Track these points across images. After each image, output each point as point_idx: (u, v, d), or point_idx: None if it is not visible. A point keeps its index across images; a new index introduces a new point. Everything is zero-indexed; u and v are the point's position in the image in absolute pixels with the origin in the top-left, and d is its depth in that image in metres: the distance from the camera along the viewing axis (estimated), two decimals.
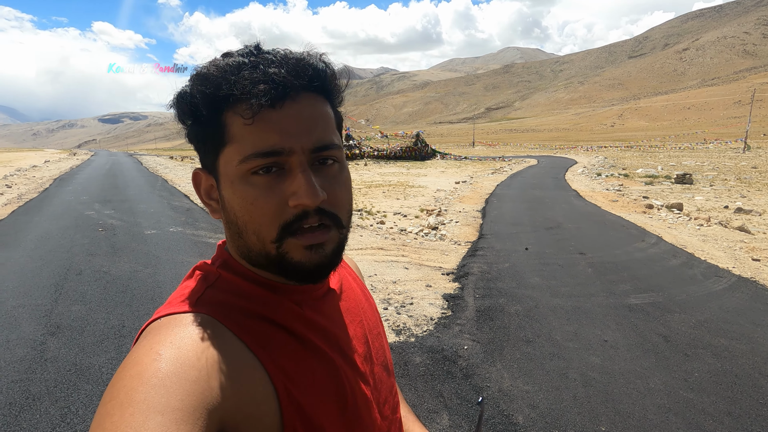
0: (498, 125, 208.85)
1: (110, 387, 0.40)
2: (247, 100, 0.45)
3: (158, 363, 0.41)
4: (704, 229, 7.36)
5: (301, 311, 0.53)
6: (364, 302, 0.66)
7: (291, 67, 0.47)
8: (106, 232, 6.96)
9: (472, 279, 4.72)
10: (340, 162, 0.52)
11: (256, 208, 0.47)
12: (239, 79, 0.46)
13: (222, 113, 0.48)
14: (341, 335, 0.57)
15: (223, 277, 0.52)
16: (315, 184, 0.47)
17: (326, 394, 0.51)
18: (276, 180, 0.47)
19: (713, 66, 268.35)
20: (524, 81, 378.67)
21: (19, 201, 10.55)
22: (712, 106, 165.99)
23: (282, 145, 0.46)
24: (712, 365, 2.93)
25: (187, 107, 0.49)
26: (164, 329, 0.45)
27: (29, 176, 17.92)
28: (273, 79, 0.46)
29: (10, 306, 3.87)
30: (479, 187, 13.87)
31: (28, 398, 2.54)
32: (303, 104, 0.48)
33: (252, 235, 0.49)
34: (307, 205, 0.47)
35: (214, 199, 0.53)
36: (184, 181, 16.27)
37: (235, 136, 0.47)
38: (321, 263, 0.50)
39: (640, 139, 76.26)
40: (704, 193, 12.22)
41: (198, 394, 0.40)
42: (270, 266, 0.50)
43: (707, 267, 5.16)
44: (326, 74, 0.50)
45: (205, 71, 0.48)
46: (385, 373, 0.64)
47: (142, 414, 0.37)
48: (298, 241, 0.48)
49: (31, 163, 28.40)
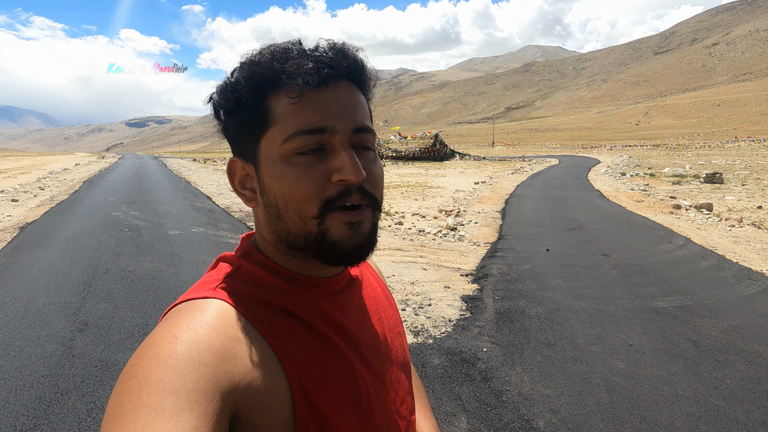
0: (518, 125, 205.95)
1: (128, 367, 0.42)
2: (294, 79, 0.47)
3: (174, 345, 0.42)
4: (736, 230, 7.07)
5: (319, 304, 0.53)
6: (384, 301, 0.66)
7: (337, 50, 0.50)
8: (132, 232, 7.16)
9: (491, 280, 4.66)
10: (374, 150, 0.53)
11: (298, 185, 0.48)
12: (288, 60, 0.48)
13: (266, 97, 0.49)
14: (358, 332, 0.57)
15: (244, 267, 0.53)
16: (358, 162, 0.48)
17: (341, 390, 0.51)
18: (318, 159, 0.49)
19: (745, 61, 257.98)
20: (545, 80, 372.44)
21: (51, 202, 10.97)
22: (744, 103, 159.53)
23: (325, 124, 0.48)
24: (745, 372, 2.80)
25: (232, 95, 0.51)
26: (182, 313, 0.46)
27: (60, 179, 18.63)
28: (320, 59, 0.48)
29: (41, 303, 4.02)
30: (499, 188, 13.69)
31: (56, 393, 2.63)
32: (344, 89, 0.50)
33: (293, 214, 0.49)
34: (351, 181, 0.48)
35: (249, 189, 0.54)
36: (207, 183, 16.63)
37: (279, 117, 0.49)
38: (359, 243, 0.50)
39: (666, 138, 73.93)
40: (736, 192, 11.74)
41: (212, 377, 0.41)
42: (308, 247, 0.51)
43: (739, 269, 4.95)
44: (363, 66, 0.53)
45: (252, 58, 0.50)
46: (403, 373, 0.63)
47: (158, 394, 0.38)
48: (339, 217, 0.49)
49: (62, 166, 29.54)
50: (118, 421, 0.37)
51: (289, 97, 0.48)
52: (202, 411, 0.39)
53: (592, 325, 3.52)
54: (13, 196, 11.94)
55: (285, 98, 0.48)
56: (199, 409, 0.39)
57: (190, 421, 0.38)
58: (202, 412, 0.39)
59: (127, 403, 0.38)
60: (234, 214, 9.16)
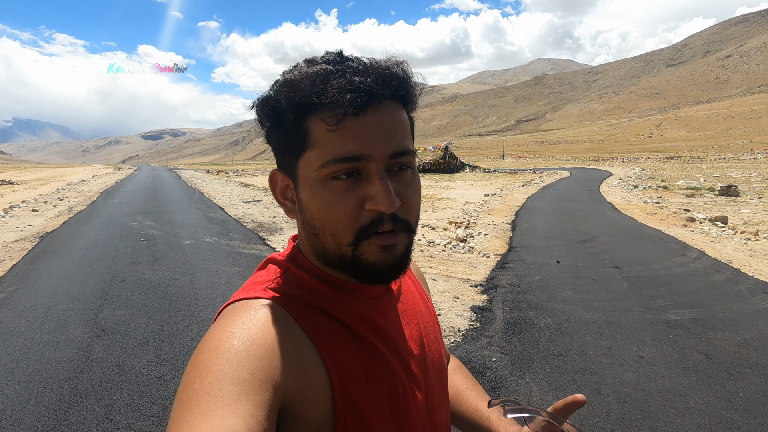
0: (529, 137, 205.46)
1: (192, 359, 0.46)
2: (332, 108, 0.47)
3: (231, 340, 0.46)
4: (752, 243, 6.96)
5: (360, 308, 0.55)
6: (421, 306, 0.66)
7: (377, 76, 0.49)
8: (147, 242, 7.32)
9: (501, 291, 4.66)
10: (413, 168, 0.53)
11: (333, 212, 0.49)
12: (327, 87, 0.47)
13: (305, 118, 0.49)
14: (397, 336, 0.58)
15: (291, 271, 0.56)
16: (392, 192, 0.48)
17: (379, 391, 0.52)
18: (354, 185, 0.49)
19: (759, 73, 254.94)
20: (556, 92, 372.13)
21: (70, 213, 11.27)
22: (760, 115, 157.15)
23: (361, 152, 0.48)
24: (759, 386, 2.76)
25: (272, 111, 0.51)
26: (238, 311, 0.50)
27: (78, 189, 19.11)
28: (359, 87, 0.47)
29: (60, 309, 4.14)
30: (509, 200, 13.67)
31: (76, 395, 2.71)
32: (384, 112, 0.49)
33: (329, 237, 0.51)
34: (384, 212, 0.48)
35: (289, 199, 0.56)
36: (220, 194, 16.90)
37: (317, 142, 0.49)
38: (392, 264, 0.51)
39: (680, 150, 73.05)
40: (752, 205, 11.55)
41: (264, 370, 0.44)
42: (343, 266, 0.52)
43: (755, 283, 4.88)
44: (407, 82, 0.52)
45: (292, 78, 0.49)
46: (439, 378, 0.63)
47: (218, 383, 0.42)
48: (372, 242, 0.50)
49: (80, 177, 30.27)
50: (183, 407, 0.42)
51: (327, 124, 0.48)
52: (257, 400, 0.42)
53: (602, 336, 3.51)
54: (33, 206, 12.29)
55: (323, 124, 0.48)
56: (255, 399, 0.42)
57: (247, 409, 0.41)
58: (257, 401, 0.42)
59: (191, 390, 0.42)
60: (246, 224, 9.30)
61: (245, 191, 18.54)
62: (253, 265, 5.79)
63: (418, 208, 0.54)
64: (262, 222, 9.65)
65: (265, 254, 6.45)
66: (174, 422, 0.41)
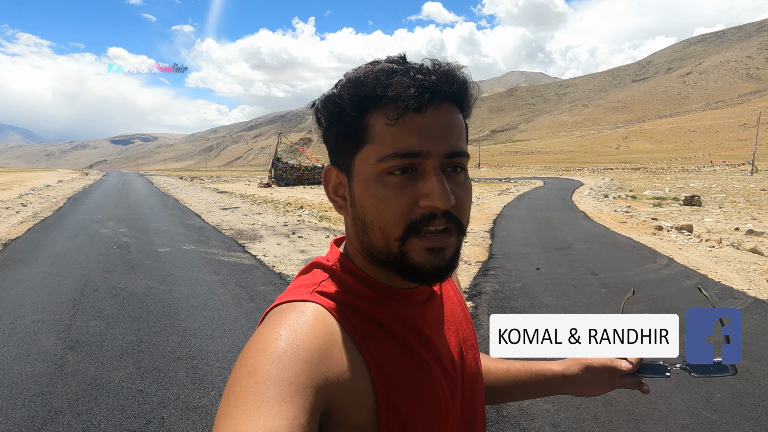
0: (503, 147, 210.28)
1: (240, 357, 0.47)
2: (394, 102, 0.48)
3: (278, 342, 0.46)
4: (716, 250, 7.31)
5: (404, 313, 0.55)
6: (459, 312, 0.67)
7: (441, 74, 0.50)
8: (121, 249, 7.06)
9: (485, 298, 4.72)
10: (466, 170, 0.54)
11: (386, 205, 0.49)
12: (392, 82, 0.48)
13: (366, 114, 0.50)
14: (438, 342, 0.58)
15: (337, 275, 0.56)
16: (447, 188, 0.49)
17: (421, 399, 0.52)
18: (409, 181, 0.49)
19: (717, 89, 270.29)
20: (529, 104, 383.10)
21: (35, 219, 10.74)
22: (718, 129, 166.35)
23: (420, 148, 0.48)
24: (734, 386, 2.89)
25: (334, 108, 0.52)
26: (284, 313, 0.51)
27: (44, 195, 18.26)
28: (423, 84, 0.48)
29: (29, 321, 3.93)
30: (486, 208, 13.91)
31: (50, 411, 2.56)
32: (443, 111, 0.50)
33: (378, 232, 0.51)
34: (438, 207, 0.48)
35: (340, 196, 0.56)
36: (195, 201, 16.49)
37: (377, 137, 0.50)
38: (440, 267, 0.51)
39: (646, 161, 76.38)
40: (714, 215, 12.16)
41: (309, 373, 0.45)
42: (389, 263, 0.52)
43: (722, 288, 5.12)
44: (466, 88, 0.53)
45: (357, 75, 0.51)
46: (475, 386, 0.63)
47: (264, 383, 0.43)
48: (421, 243, 0.50)
49: (44, 182, 28.95)
50: (230, 403, 0.42)
51: (387, 118, 0.48)
52: (300, 403, 0.42)
53: None
54: None
55: (383, 118, 0.49)
56: (299, 401, 0.42)
57: (291, 411, 0.41)
58: (300, 404, 0.42)
59: (238, 387, 0.43)
60: (225, 232, 9.10)
61: (222, 198, 18.16)
62: (234, 273, 5.67)
63: (469, 211, 0.54)
64: (240, 229, 9.47)
65: (246, 262, 6.33)
66: (220, 417, 0.42)
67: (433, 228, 0.50)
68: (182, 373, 3.03)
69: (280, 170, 29.90)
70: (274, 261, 6.47)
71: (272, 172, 30.06)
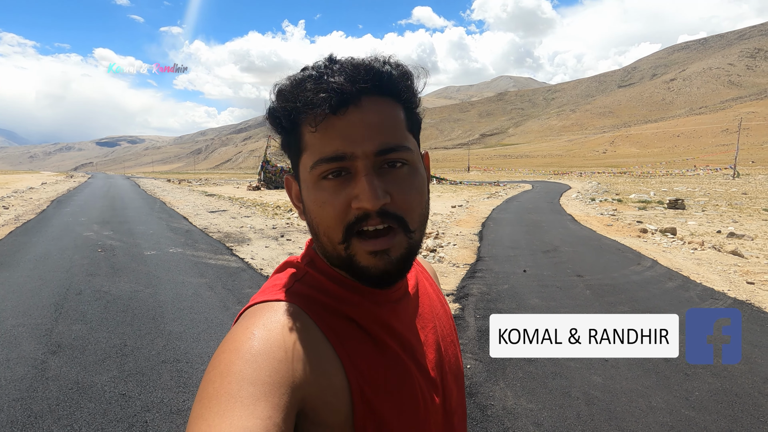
0: (492, 151, 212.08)
1: (213, 358, 0.47)
2: (312, 110, 0.48)
3: (252, 341, 0.46)
4: (698, 252, 7.46)
5: (378, 312, 0.55)
6: (439, 308, 0.66)
7: (348, 74, 0.49)
8: (106, 252, 6.96)
9: (472, 300, 4.76)
10: (411, 164, 0.52)
11: (324, 210, 0.50)
12: (302, 91, 0.49)
13: (298, 125, 0.51)
14: (414, 340, 0.58)
15: (310, 274, 0.56)
16: (376, 188, 0.48)
17: (398, 397, 0.52)
18: (343, 184, 0.50)
19: (700, 96, 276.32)
20: (517, 108, 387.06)
21: (17, 222, 10.52)
22: (701, 134, 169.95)
23: (344, 150, 0.48)
24: (712, 384, 2.96)
25: (274, 120, 0.53)
26: (258, 313, 0.51)
27: (26, 198, 17.89)
28: (332, 87, 0.48)
29: (9, 325, 3.85)
30: (475, 211, 14.01)
31: (30, 416, 2.52)
32: (366, 109, 0.49)
33: (324, 237, 0.52)
34: (367, 209, 0.48)
35: (302, 202, 0.56)
36: (183, 204, 16.32)
37: (308, 144, 0.51)
38: (386, 270, 0.51)
39: (631, 166, 77.65)
40: (697, 218, 12.42)
41: (283, 372, 0.45)
42: (342, 266, 0.53)
43: (703, 290, 5.24)
44: (392, 76, 0.51)
45: (281, 87, 0.52)
46: (455, 383, 0.63)
47: (238, 383, 0.43)
48: (362, 246, 0.50)
49: (27, 185, 28.36)
50: (203, 405, 0.42)
51: (310, 126, 0.49)
52: (275, 402, 0.42)
53: None
54: None
55: (308, 126, 0.50)
56: (273, 400, 0.42)
57: (265, 411, 0.41)
58: (275, 403, 0.42)
59: (211, 389, 0.43)
60: (212, 235, 9.02)
61: (210, 201, 17.99)
62: (221, 276, 5.62)
63: (421, 207, 0.52)
64: (228, 232, 9.40)
65: (234, 265, 6.28)
66: (193, 420, 0.41)
67: (372, 228, 0.49)
68: (167, 376, 3.00)
69: (270, 173, 29.74)
70: (262, 264, 6.44)
71: (261, 175, 29.88)
